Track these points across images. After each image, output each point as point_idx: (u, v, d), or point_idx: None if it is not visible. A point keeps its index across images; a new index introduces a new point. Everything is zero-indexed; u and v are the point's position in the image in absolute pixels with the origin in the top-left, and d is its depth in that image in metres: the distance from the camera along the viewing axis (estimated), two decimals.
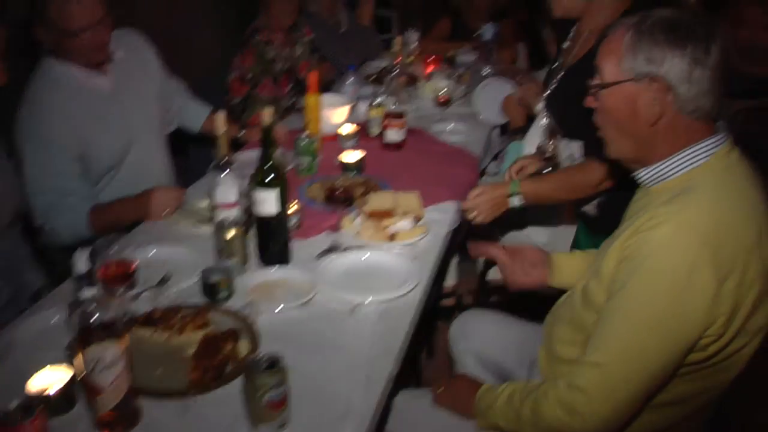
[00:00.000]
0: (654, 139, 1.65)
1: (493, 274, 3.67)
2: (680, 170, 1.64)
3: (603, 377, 1.60)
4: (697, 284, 1.51)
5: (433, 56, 4.30)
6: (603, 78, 1.67)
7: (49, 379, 1.58)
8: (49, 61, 2.62)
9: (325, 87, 3.96)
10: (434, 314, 3.68)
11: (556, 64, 2.69)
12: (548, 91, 2.68)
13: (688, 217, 1.54)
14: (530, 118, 3.17)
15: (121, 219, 2.57)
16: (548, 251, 2.20)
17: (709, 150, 1.62)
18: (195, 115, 3.24)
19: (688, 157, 1.63)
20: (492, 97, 3.50)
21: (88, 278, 1.48)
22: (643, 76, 1.59)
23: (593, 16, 2.41)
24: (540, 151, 2.79)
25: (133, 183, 2.74)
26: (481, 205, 2.47)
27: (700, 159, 1.62)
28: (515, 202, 2.48)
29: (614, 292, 1.64)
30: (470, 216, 2.49)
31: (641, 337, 1.57)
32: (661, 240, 1.54)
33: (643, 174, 1.72)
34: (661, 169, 1.67)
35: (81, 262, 1.49)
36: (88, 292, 1.48)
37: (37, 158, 2.55)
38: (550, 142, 2.73)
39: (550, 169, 2.68)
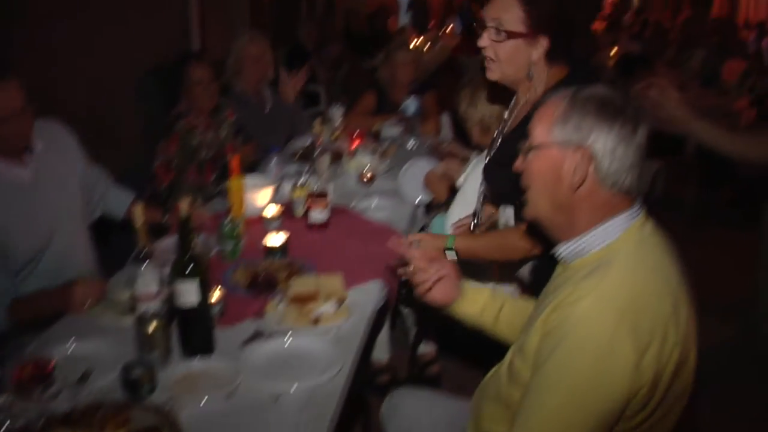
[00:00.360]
0: (574, 208, 1.71)
1: (424, 348, 3.71)
2: (597, 245, 1.69)
3: None
4: (618, 357, 1.54)
5: (358, 132, 4.36)
6: (533, 141, 1.74)
7: None
8: None
9: (250, 167, 3.99)
10: (369, 393, 3.67)
11: (495, 134, 2.75)
12: (486, 159, 2.73)
13: (606, 291, 1.59)
14: (453, 192, 3.24)
15: (42, 312, 2.52)
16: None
17: (624, 223, 1.68)
18: (118, 202, 3.22)
19: (604, 232, 1.68)
20: (415, 177, 3.56)
21: None
22: (570, 143, 1.66)
23: (530, 86, 2.46)
24: (475, 216, 2.85)
25: (56, 273, 2.70)
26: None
27: (616, 233, 1.68)
28: (451, 256, 2.50)
29: (538, 367, 1.66)
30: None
31: (565, 412, 1.59)
32: (582, 314, 1.58)
33: (562, 250, 1.77)
34: (580, 245, 1.72)
35: None
36: None
37: None
38: (483, 208, 2.79)
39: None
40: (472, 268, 2.91)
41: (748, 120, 8.26)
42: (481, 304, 2.17)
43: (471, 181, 2.93)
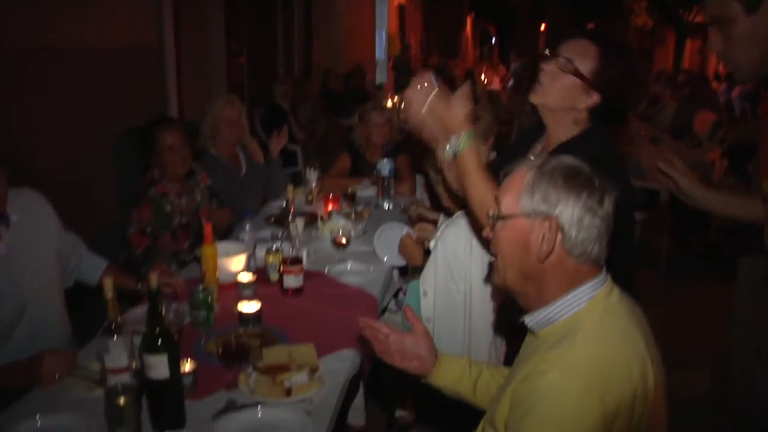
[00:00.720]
0: (542, 277, 1.73)
1: (401, 413, 3.70)
2: (564, 314, 1.71)
3: None
4: (585, 426, 1.54)
5: (333, 195, 4.38)
6: (500, 210, 1.76)
7: None
8: None
9: (226, 232, 4.00)
10: None
11: None
12: None
13: (571, 362, 1.59)
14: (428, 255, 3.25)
15: (9, 385, 2.48)
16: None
17: (591, 292, 1.70)
18: (92, 269, 3.21)
19: (571, 301, 1.70)
20: (389, 241, 3.57)
21: None
22: (537, 213, 1.69)
23: (561, 126, 2.53)
24: None
25: (29, 343, 2.68)
26: None
27: (582, 302, 1.70)
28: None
29: None
30: None
31: None
32: (548, 386, 1.58)
33: (529, 320, 1.78)
34: (547, 314, 1.73)
35: None
36: None
37: None
38: None
39: None
40: None
41: (720, 171, 8.42)
42: (457, 373, 2.18)
43: (441, 245, 2.95)
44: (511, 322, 3.02)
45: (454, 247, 2.92)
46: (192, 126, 4.73)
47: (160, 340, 2.06)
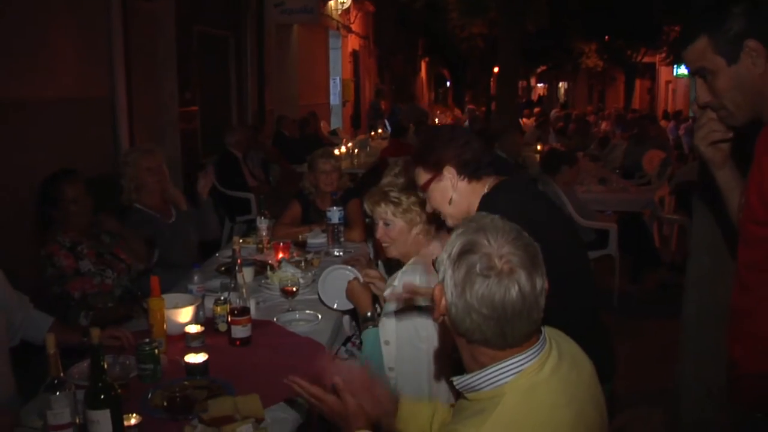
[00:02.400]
0: (462, 351, 1.76)
1: None
2: (487, 385, 1.70)
3: None
4: None
5: (283, 243, 4.41)
6: None
7: None
8: None
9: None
10: None
11: None
12: None
13: None
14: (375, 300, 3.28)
15: None
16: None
17: (517, 367, 1.67)
18: (37, 326, 3.20)
19: (494, 373, 1.68)
20: (336, 283, 3.55)
21: None
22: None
23: None
24: None
25: None
26: None
27: (507, 376, 1.67)
28: None
29: None
30: None
31: None
32: None
33: (457, 381, 1.78)
34: (471, 381, 1.73)
35: None
36: None
37: None
38: None
39: None
40: None
41: (669, 208, 8.60)
42: (420, 421, 2.17)
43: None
44: None
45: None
46: (112, 180, 4.74)
47: (102, 395, 2.06)
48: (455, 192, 2.62)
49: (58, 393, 2.15)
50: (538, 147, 11.74)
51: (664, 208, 8.48)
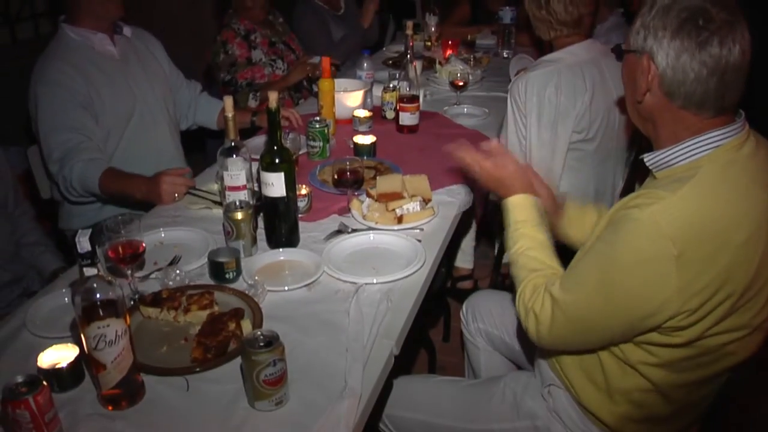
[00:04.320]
0: (653, 119, 1.67)
1: (507, 258, 3.71)
2: (682, 159, 1.62)
3: (556, 312, 1.69)
4: (655, 275, 1.50)
5: (452, 41, 4.29)
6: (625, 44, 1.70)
7: (57, 357, 1.62)
8: (64, 27, 2.81)
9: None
10: (451, 297, 3.71)
11: None
12: None
13: (668, 207, 1.51)
14: None
15: (130, 193, 2.63)
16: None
17: (715, 141, 1.59)
18: (209, 110, 3.31)
19: (691, 146, 1.60)
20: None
21: (89, 258, 1.51)
22: (639, 50, 1.61)
23: None
24: None
25: (138, 153, 2.92)
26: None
27: (704, 150, 1.59)
28: None
29: (593, 243, 1.68)
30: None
31: (599, 291, 1.60)
32: (640, 218, 1.52)
33: (648, 158, 1.71)
34: (665, 156, 1.65)
35: (82, 242, 1.53)
36: (90, 272, 1.51)
37: (50, 101, 2.68)
38: None
39: None
40: None
41: None
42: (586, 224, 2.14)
43: None
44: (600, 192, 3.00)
45: (517, 100, 2.89)
46: None
47: (277, 159, 2.09)
48: None
49: (234, 156, 2.21)
50: None
51: None
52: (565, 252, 1.97)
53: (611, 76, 2.80)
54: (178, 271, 2.03)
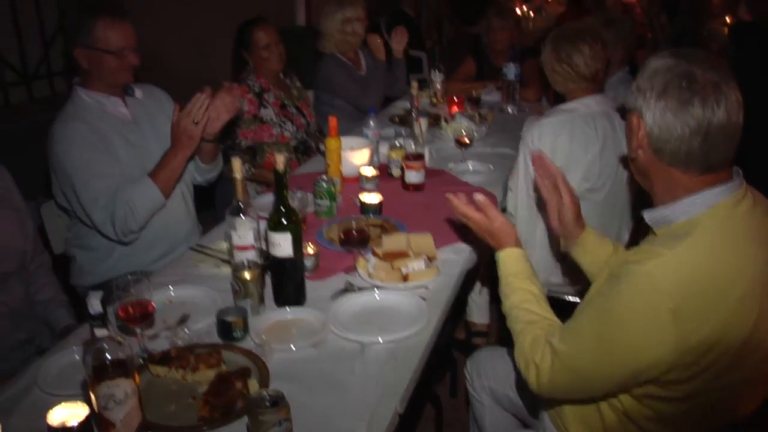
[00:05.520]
0: (649, 175, 1.74)
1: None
2: (680, 216, 1.67)
3: (556, 363, 1.73)
4: (651, 328, 1.55)
5: (457, 97, 4.36)
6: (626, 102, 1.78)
7: (67, 414, 1.65)
8: (78, 89, 2.88)
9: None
10: (458, 351, 3.73)
11: None
12: None
13: (666, 262, 1.57)
14: None
15: (176, 161, 2.78)
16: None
17: (712, 199, 1.64)
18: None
19: (688, 204, 1.65)
20: None
21: (100, 320, 1.55)
22: (633, 108, 1.69)
23: None
24: None
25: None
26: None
27: (701, 207, 1.64)
28: None
29: (593, 296, 1.77)
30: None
31: (598, 344, 1.65)
32: (634, 275, 1.58)
33: (648, 215, 1.76)
34: (664, 213, 1.71)
35: (94, 304, 1.57)
36: (101, 332, 1.55)
37: (77, 156, 2.74)
38: None
39: None
40: None
41: None
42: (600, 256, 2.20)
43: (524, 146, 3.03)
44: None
45: (528, 146, 3.00)
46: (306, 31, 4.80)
47: (285, 220, 2.14)
48: None
49: (242, 216, 2.26)
50: (727, 19, 10.94)
51: None
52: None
53: (621, 130, 2.87)
54: (186, 330, 2.06)
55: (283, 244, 2.16)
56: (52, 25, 5.09)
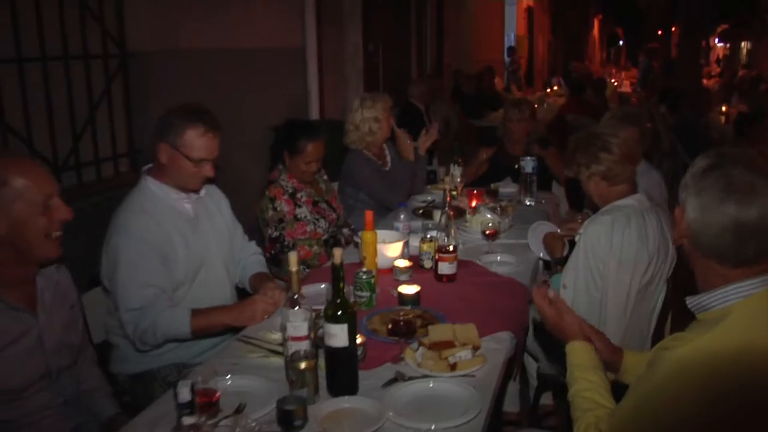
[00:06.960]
0: (693, 264, 1.89)
1: (545, 399, 3.79)
2: (717, 304, 1.80)
3: None
4: (680, 412, 1.67)
5: (476, 190, 4.48)
6: None
7: None
8: (148, 179, 3.00)
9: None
10: None
11: None
12: None
13: (701, 347, 1.70)
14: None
15: (220, 323, 2.88)
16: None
17: (747, 290, 1.77)
18: (245, 272, 3.44)
19: (724, 293, 1.79)
20: (540, 236, 3.73)
21: (189, 408, 1.62)
22: (680, 200, 1.86)
23: None
24: None
25: (202, 297, 3.05)
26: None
27: (736, 297, 1.77)
28: None
29: (634, 382, 1.90)
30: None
31: (628, 427, 1.80)
32: (668, 360, 1.72)
33: (690, 300, 1.89)
34: (703, 300, 1.84)
35: (183, 392, 1.64)
36: (187, 421, 1.61)
37: (131, 253, 2.83)
38: None
39: None
40: None
41: None
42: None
43: (584, 240, 3.11)
44: (642, 333, 3.14)
45: (594, 243, 3.06)
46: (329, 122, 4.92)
47: (341, 311, 2.23)
48: None
49: (297, 308, 2.34)
50: (723, 109, 11.26)
51: None
52: None
53: (667, 226, 3.07)
54: (250, 420, 2.12)
55: (339, 335, 2.24)
56: (81, 119, 5.28)
